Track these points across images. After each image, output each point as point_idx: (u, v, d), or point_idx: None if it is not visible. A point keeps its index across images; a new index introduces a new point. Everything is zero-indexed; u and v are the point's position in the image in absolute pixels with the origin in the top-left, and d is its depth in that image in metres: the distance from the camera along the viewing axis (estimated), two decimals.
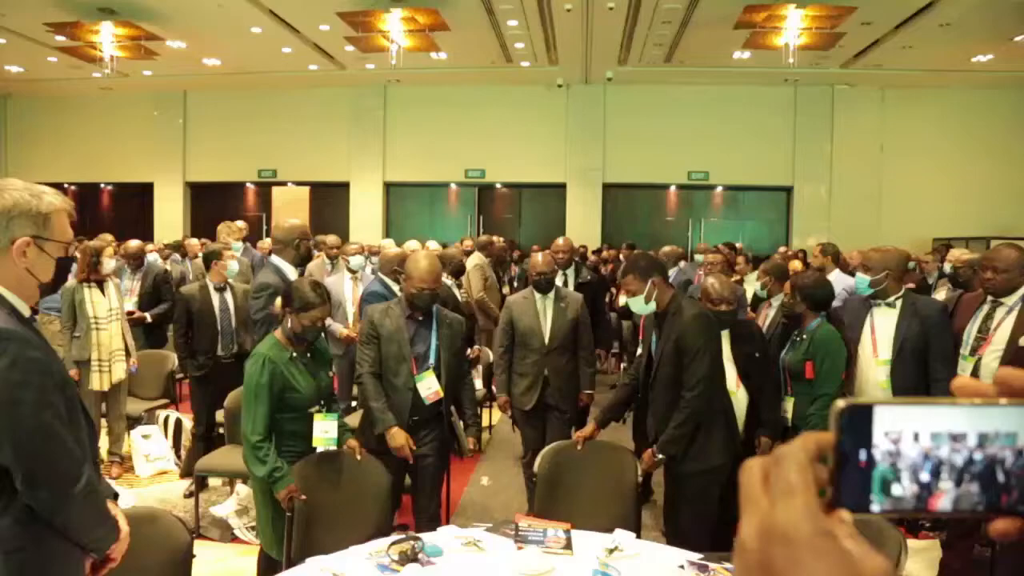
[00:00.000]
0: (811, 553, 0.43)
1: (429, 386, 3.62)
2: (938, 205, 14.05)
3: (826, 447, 0.48)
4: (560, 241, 5.79)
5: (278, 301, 3.64)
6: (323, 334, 3.50)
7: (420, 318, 3.68)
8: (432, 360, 3.66)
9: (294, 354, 3.17)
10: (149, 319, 6.40)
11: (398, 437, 3.46)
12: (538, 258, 4.55)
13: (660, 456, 3.35)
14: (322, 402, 3.23)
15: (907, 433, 0.47)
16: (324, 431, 3.19)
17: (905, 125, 14.42)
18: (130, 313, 6.11)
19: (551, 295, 4.50)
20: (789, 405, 3.88)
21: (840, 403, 0.48)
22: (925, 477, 0.47)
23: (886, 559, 0.44)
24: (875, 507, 0.47)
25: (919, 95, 14.27)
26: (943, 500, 0.47)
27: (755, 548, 0.45)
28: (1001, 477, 0.47)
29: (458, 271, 6.45)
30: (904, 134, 14.42)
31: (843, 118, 14.59)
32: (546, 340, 4.45)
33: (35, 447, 1.75)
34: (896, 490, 0.47)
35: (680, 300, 3.47)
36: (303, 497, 3.01)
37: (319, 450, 3.20)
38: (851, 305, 4.23)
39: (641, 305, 3.45)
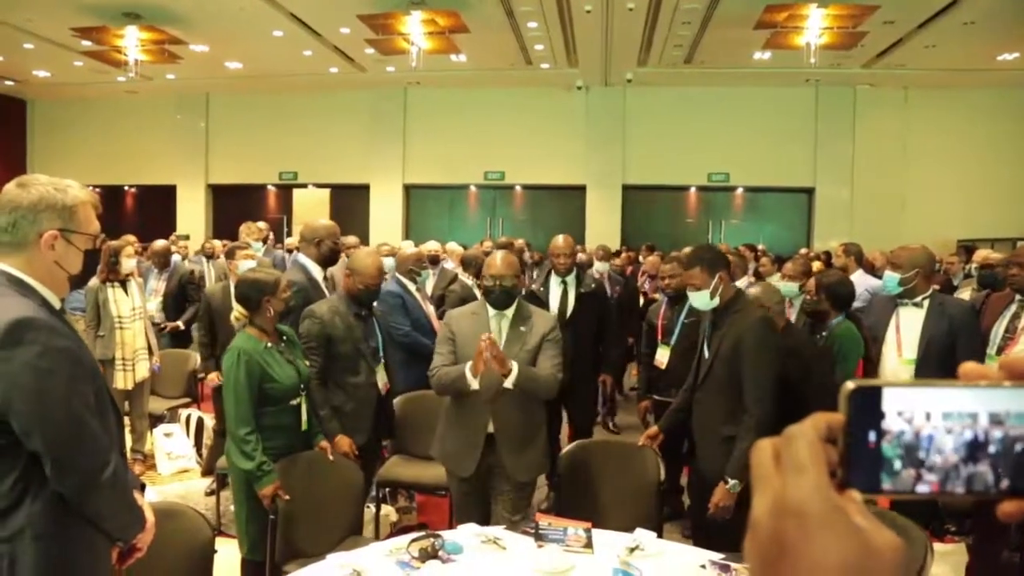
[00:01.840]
0: (823, 527, 0.44)
1: (383, 380, 3.83)
2: (962, 206, 13.86)
3: (836, 427, 0.48)
4: (560, 241, 4.78)
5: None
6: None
7: (364, 314, 3.76)
8: (381, 354, 3.84)
9: (268, 344, 3.19)
10: (182, 327, 6.46)
11: (343, 443, 3.52)
12: (496, 259, 3.29)
13: (733, 483, 3.04)
14: (303, 388, 3.26)
15: (918, 414, 0.47)
16: (307, 417, 3.29)
17: (928, 125, 14.25)
18: (162, 328, 6.22)
19: (510, 312, 3.26)
20: None
21: (850, 384, 0.49)
22: (936, 458, 0.47)
23: (897, 535, 0.44)
24: (885, 487, 0.47)
25: (943, 95, 14.10)
26: (955, 481, 0.47)
27: (767, 524, 0.46)
28: (1014, 458, 0.47)
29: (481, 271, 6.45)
30: (927, 135, 14.25)
31: (865, 119, 14.46)
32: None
33: (64, 435, 1.77)
34: (906, 471, 0.47)
35: (745, 299, 3.33)
36: (287, 497, 3.02)
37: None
38: (876, 304, 4.20)
39: (705, 300, 3.26)
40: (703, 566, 2.37)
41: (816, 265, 6.37)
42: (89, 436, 1.81)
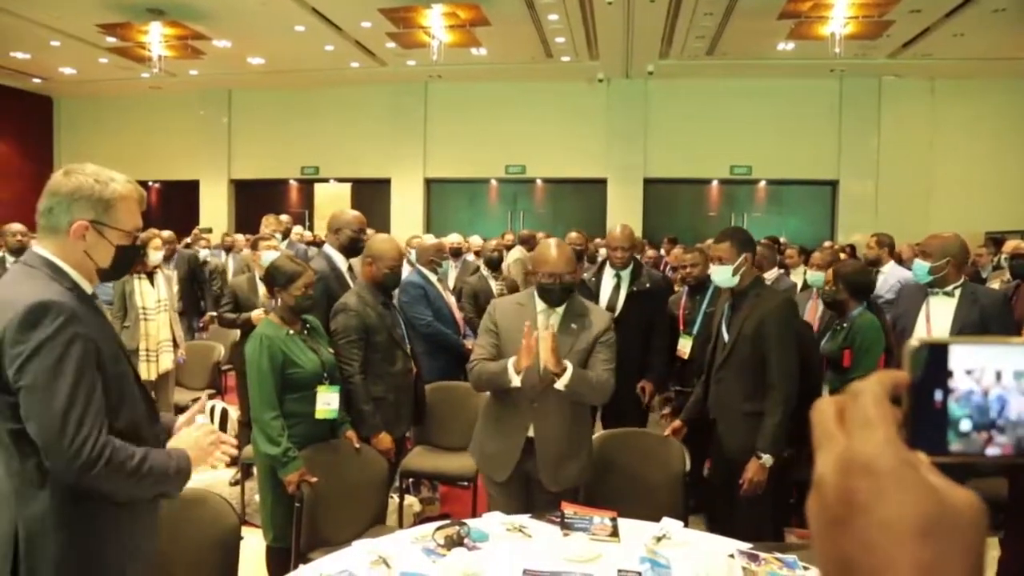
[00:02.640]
0: (896, 484, 0.41)
1: (412, 368, 3.82)
2: (990, 198, 13.63)
3: (900, 386, 0.46)
4: (617, 231, 4.46)
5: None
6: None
7: (386, 302, 3.74)
8: (407, 342, 3.81)
9: (290, 331, 3.20)
10: (218, 319, 6.54)
11: (385, 440, 3.50)
12: (551, 252, 2.96)
13: (766, 457, 3.10)
14: (325, 376, 3.25)
15: (987, 373, 0.45)
16: (326, 403, 3.23)
17: (956, 117, 14.01)
18: (203, 327, 6.33)
19: (561, 308, 3.00)
20: (825, 394, 3.80)
21: (914, 342, 0.46)
22: (1006, 418, 0.45)
23: (974, 493, 0.41)
24: (952, 449, 0.45)
25: (971, 85, 13.84)
26: None
27: (834, 483, 0.43)
28: None
29: (494, 264, 6.44)
30: (955, 126, 14.02)
31: (891, 110, 14.25)
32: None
33: (55, 426, 1.73)
34: (975, 432, 0.45)
35: (763, 283, 3.39)
36: (313, 480, 3.02)
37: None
38: (905, 293, 4.13)
39: (727, 276, 3.32)
40: (731, 555, 2.35)
41: (841, 258, 6.28)
42: (82, 426, 1.75)
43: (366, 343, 3.56)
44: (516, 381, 2.81)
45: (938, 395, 0.45)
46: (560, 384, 2.79)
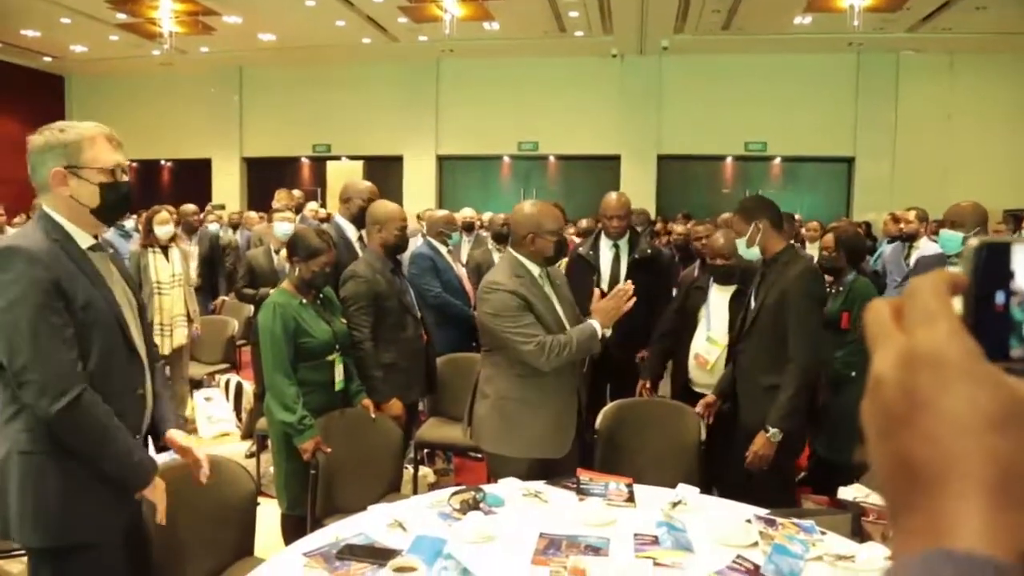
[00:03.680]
0: (964, 375, 0.39)
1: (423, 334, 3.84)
2: (1008, 175, 13.41)
3: (959, 288, 0.43)
4: (612, 200, 4.29)
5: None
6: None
7: (394, 269, 3.75)
8: (416, 308, 3.83)
9: (303, 301, 3.20)
10: (236, 294, 6.58)
11: (396, 407, 3.52)
12: (554, 212, 3.12)
13: (774, 431, 3.02)
14: (337, 347, 3.25)
15: None
16: (339, 374, 3.28)
17: (975, 93, 13.75)
18: (219, 308, 6.40)
19: (546, 271, 3.12)
20: None
21: (974, 241, 0.43)
22: None
23: None
24: (1014, 354, 0.42)
25: (991, 60, 13.58)
26: None
27: (896, 379, 0.40)
28: None
29: (502, 238, 6.37)
30: (974, 102, 13.76)
31: (909, 86, 14.03)
32: None
33: (21, 352, 1.86)
34: None
35: (793, 251, 3.28)
36: (328, 449, 3.02)
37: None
38: (923, 264, 4.12)
39: (743, 248, 3.28)
40: (748, 520, 2.33)
41: None
42: (44, 361, 1.86)
43: (376, 309, 3.56)
44: (606, 333, 2.94)
45: (1000, 297, 0.43)
46: (608, 330, 2.95)
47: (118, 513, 2.08)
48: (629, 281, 2.85)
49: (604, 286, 4.14)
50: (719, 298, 3.72)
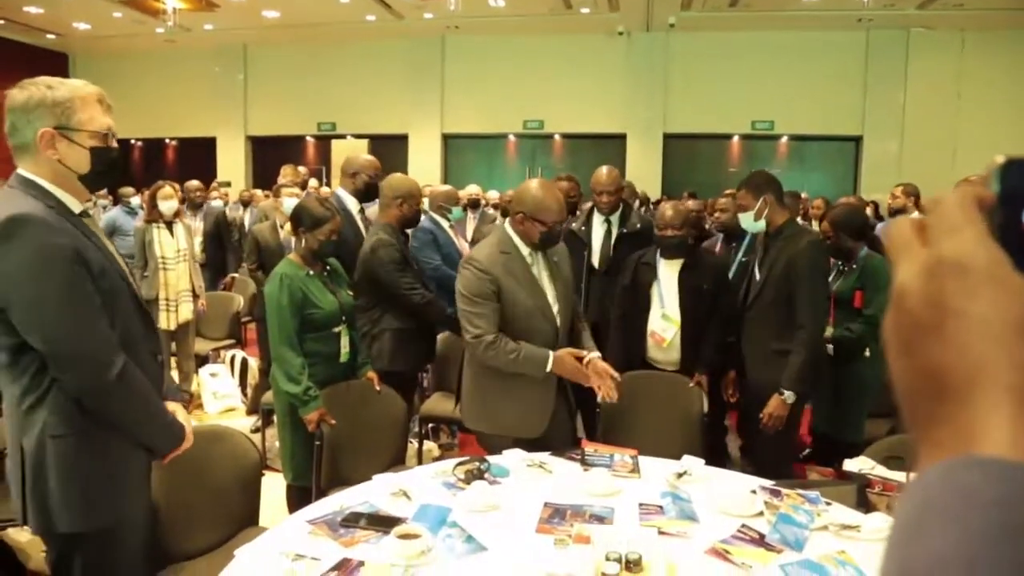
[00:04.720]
0: (991, 282, 0.37)
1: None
2: (1017, 154, 13.29)
3: (983, 203, 0.41)
4: (603, 174, 4.22)
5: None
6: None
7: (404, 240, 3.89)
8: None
9: (311, 272, 3.19)
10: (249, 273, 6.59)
11: None
12: (551, 200, 2.83)
13: (789, 393, 3.14)
14: (344, 318, 3.25)
15: None
16: (347, 347, 3.30)
17: (985, 71, 13.57)
18: (228, 285, 6.42)
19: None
20: (829, 334, 3.78)
21: (1000, 158, 0.42)
22: None
23: None
24: None
25: (1002, 38, 13.39)
26: None
27: (920, 288, 0.39)
28: None
29: (508, 213, 6.37)
30: (984, 81, 13.59)
31: (918, 64, 13.87)
32: (558, 323, 2.90)
33: (60, 332, 1.75)
34: None
35: (796, 224, 3.40)
36: (332, 421, 3.03)
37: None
38: None
39: (751, 222, 3.37)
40: (753, 491, 2.33)
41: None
42: (88, 333, 1.78)
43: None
44: (549, 367, 2.76)
45: None
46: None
47: (144, 490, 2.06)
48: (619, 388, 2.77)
49: (595, 261, 4.23)
50: (667, 274, 3.62)
